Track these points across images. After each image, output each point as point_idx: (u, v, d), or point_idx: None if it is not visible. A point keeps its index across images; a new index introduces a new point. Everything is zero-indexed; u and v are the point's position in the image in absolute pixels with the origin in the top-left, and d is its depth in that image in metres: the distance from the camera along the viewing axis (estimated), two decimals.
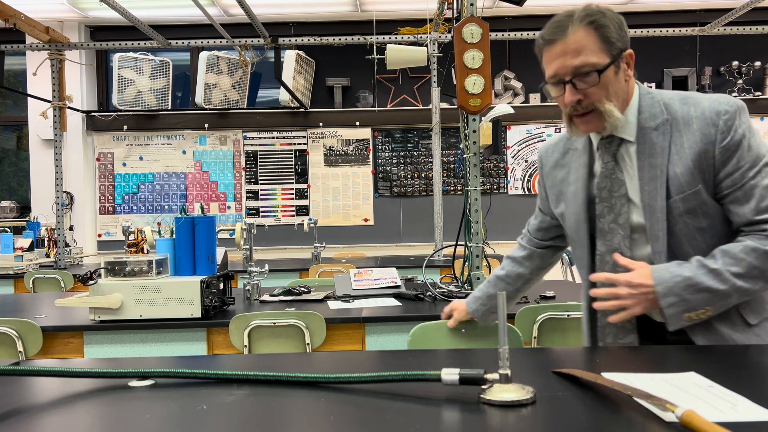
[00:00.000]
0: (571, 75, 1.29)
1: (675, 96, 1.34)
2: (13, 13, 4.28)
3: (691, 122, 1.27)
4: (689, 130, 1.27)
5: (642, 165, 1.30)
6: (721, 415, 0.80)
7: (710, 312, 1.23)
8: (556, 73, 1.31)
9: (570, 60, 1.28)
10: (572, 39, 1.28)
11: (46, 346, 2.26)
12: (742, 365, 1.10)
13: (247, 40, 4.78)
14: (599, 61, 1.28)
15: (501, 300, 0.91)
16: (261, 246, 5.88)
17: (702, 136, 1.25)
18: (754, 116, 6.04)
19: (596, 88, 1.29)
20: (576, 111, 1.32)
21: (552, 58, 1.31)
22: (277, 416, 0.85)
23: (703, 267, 1.22)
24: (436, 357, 1.20)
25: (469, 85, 2.50)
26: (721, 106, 1.26)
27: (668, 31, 4.60)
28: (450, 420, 0.82)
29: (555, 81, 1.32)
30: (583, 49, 1.28)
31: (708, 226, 1.28)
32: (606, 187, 1.35)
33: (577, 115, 1.33)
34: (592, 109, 1.30)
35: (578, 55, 1.27)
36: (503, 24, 5.72)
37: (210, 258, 2.37)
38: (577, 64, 1.27)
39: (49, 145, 5.71)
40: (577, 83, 1.29)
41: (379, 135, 6.20)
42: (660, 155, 1.28)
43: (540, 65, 1.38)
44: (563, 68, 1.29)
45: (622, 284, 1.24)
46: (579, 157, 1.44)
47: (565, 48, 1.29)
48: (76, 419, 0.86)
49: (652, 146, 1.30)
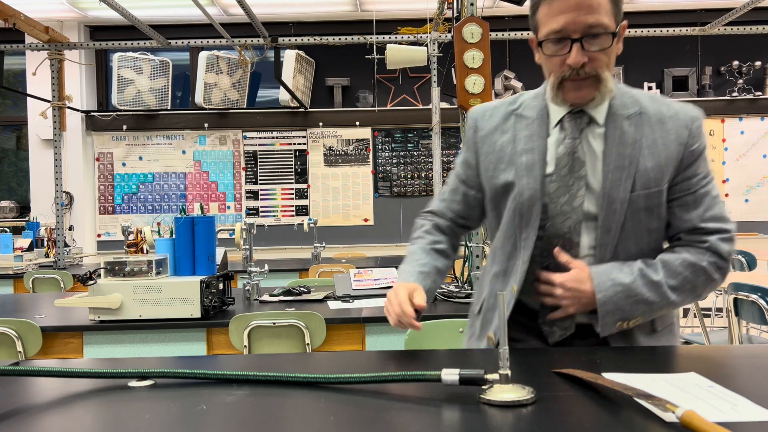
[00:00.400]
0: (581, 33, 1.17)
1: (641, 92, 1.29)
2: (13, 13, 4.27)
3: (665, 120, 1.24)
4: (663, 127, 1.24)
5: (609, 151, 1.22)
6: (722, 415, 0.80)
7: (641, 321, 1.23)
8: (563, 28, 1.17)
9: (584, 16, 1.16)
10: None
11: (46, 346, 2.26)
12: (743, 365, 1.10)
13: (246, 39, 4.78)
14: (611, 24, 1.19)
15: (501, 300, 0.91)
16: (261, 246, 5.88)
17: (676, 136, 1.23)
18: (754, 116, 6.04)
19: (603, 53, 1.19)
20: (575, 75, 1.20)
21: (561, 10, 1.17)
22: (277, 416, 0.85)
23: (644, 277, 1.20)
24: (435, 357, 1.20)
25: (469, 85, 2.50)
26: (693, 111, 1.26)
27: (668, 31, 4.59)
28: (450, 420, 0.82)
29: (559, 37, 1.19)
30: (599, 7, 1.17)
31: (656, 228, 1.26)
32: (567, 165, 1.24)
33: (572, 80, 1.21)
34: (592, 75, 1.20)
35: (593, 12, 1.16)
36: (503, 24, 5.71)
37: (210, 258, 2.37)
38: (592, 22, 1.16)
39: (49, 145, 5.71)
40: (585, 44, 1.17)
41: (379, 135, 6.20)
42: (631, 146, 1.22)
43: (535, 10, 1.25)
44: (575, 23, 1.16)
45: (558, 285, 1.21)
46: (530, 127, 1.29)
47: (581, 2, 1.16)
48: (76, 419, 0.86)
49: (623, 135, 1.23)
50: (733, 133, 6.06)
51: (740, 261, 4.60)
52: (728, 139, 6.06)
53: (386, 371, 0.96)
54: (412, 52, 4.27)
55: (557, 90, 1.24)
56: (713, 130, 6.07)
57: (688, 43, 6.16)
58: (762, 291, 2.56)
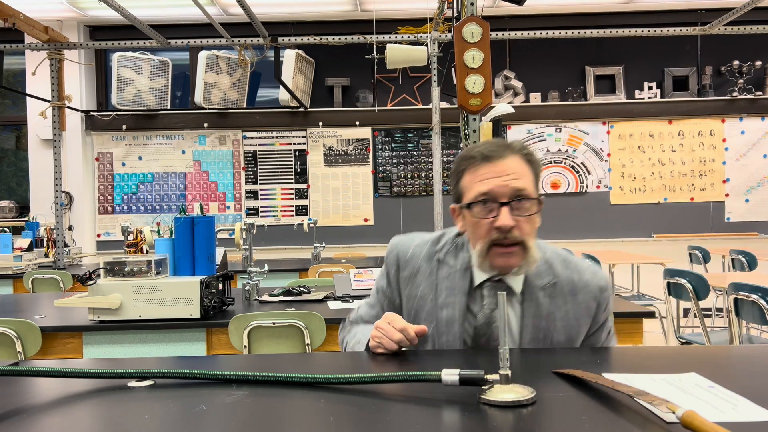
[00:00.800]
0: (509, 197, 1.20)
1: (555, 256, 1.32)
2: (12, 13, 4.27)
3: (577, 292, 1.28)
4: (575, 299, 1.28)
5: (526, 324, 1.25)
6: (722, 415, 0.79)
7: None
8: (491, 191, 1.21)
9: (511, 181, 1.21)
10: (514, 162, 1.23)
11: (45, 346, 2.26)
12: (743, 366, 1.10)
13: (246, 39, 4.78)
14: (534, 193, 1.23)
15: (501, 300, 0.91)
16: (260, 246, 5.88)
17: (586, 308, 1.28)
18: (754, 116, 6.04)
19: (528, 221, 1.22)
20: (503, 240, 1.21)
21: (489, 174, 1.22)
22: (276, 417, 0.85)
23: None
24: (435, 357, 1.20)
25: (469, 85, 2.50)
26: (601, 281, 1.30)
27: (669, 31, 4.59)
28: (450, 420, 0.82)
29: (487, 199, 1.21)
30: (524, 176, 1.23)
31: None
32: (485, 335, 1.26)
33: (500, 245, 1.21)
34: (518, 242, 1.21)
35: (519, 178, 1.21)
36: (503, 23, 5.71)
37: (209, 258, 2.37)
38: (519, 187, 1.20)
39: (48, 144, 5.71)
40: (514, 207, 1.20)
41: (379, 135, 6.20)
42: (546, 319, 1.25)
43: (460, 176, 1.28)
44: (503, 188, 1.20)
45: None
46: (452, 277, 1.29)
47: (505, 168, 1.22)
48: (76, 419, 0.86)
49: (538, 307, 1.26)
50: (733, 132, 6.06)
51: (740, 261, 4.60)
52: (728, 138, 6.06)
53: (386, 371, 0.96)
54: (412, 52, 4.27)
55: (485, 256, 1.23)
56: (713, 129, 6.07)
57: (688, 43, 6.16)
58: (762, 291, 2.56)
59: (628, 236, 6.07)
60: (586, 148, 6.12)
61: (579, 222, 6.04)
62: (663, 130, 6.08)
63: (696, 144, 6.07)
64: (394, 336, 1.17)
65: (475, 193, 1.23)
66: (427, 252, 1.34)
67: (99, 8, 5.52)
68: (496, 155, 1.23)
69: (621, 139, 6.10)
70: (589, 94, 6.15)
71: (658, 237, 6.05)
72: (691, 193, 6.08)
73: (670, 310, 3.67)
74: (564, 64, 6.19)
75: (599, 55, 6.17)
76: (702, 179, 6.08)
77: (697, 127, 6.07)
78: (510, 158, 1.23)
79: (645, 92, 6.11)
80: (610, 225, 6.09)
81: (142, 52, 5.80)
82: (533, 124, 6.12)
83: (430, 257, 1.33)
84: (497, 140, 1.30)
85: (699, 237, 6.00)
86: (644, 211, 6.10)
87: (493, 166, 1.22)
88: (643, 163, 6.10)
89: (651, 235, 6.07)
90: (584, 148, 6.12)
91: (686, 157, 6.08)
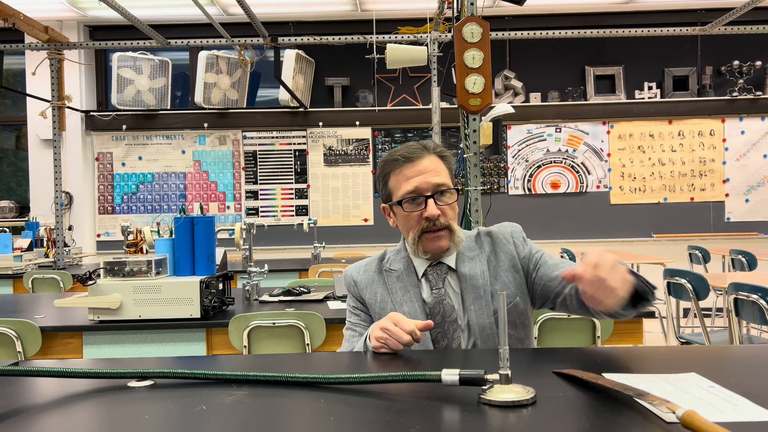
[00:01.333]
0: (432, 190, 1.41)
1: (472, 233, 1.53)
2: (12, 13, 4.27)
3: (495, 243, 1.48)
4: (495, 249, 1.47)
5: (465, 287, 1.42)
6: (722, 415, 0.79)
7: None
8: (416, 188, 1.41)
9: (432, 177, 1.42)
10: (431, 161, 1.44)
11: (45, 346, 2.26)
12: (743, 366, 1.10)
13: (246, 39, 4.78)
14: (451, 183, 1.45)
15: (501, 300, 0.91)
16: (260, 246, 5.88)
17: (507, 253, 1.46)
18: (754, 116, 6.04)
19: (450, 207, 1.44)
20: (432, 226, 1.40)
21: (412, 174, 1.42)
22: (276, 417, 0.85)
23: None
24: (435, 357, 1.20)
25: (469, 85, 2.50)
26: (509, 226, 1.52)
27: (669, 31, 4.60)
28: (450, 420, 0.82)
29: (414, 196, 1.41)
30: (441, 171, 1.44)
31: (525, 336, 1.44)
32: (439, 313, 1.40)
33: (429, 231, 1.41)
34: (444, 227, 1.41)
35: (438, 175, 1.43)
36: (503, 23, 5.71)
37: (209, 258, 2.37)
38: (439, 182, 1.42)
39: (48, 144, 5.71)
40: (437, 199, 1.41)
41: (379, 135, 6.20)
42: (480, 277, 1.42)
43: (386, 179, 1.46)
44: (426, 183, 1.41)
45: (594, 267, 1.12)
46: (401, 279, 1.47)
47: (425, 167, 1.43)
48: (75, 419, 0.86)
49: (473, 270, 1.43)
50: (733, 132, 6.06)
51: (740, 261, 4.60)
52: (728, 138, 6.07)
53: (386, 371, 0.96)
54: (412, 52, 4.27)
55: (417, 243, 1.43)
56: (713, 129, 6.07)
57: (688, 43, 6.16)
58: (762, 291, 2.55)
59: (628, 236, 6.07)
60: (586, 148, 6.12)
61: (579, 222, 6.04)
62: (663, 130, 6.08)
63: (696, 144, 6.07)
64: (402, 338, 1.22)
65: (403, 191, 1.43)
66: (375, 267, 1.53)
67: (99, 8, 5.52)
68: (416, 156, 1.43)
69: (621, 139, 6.10)
70: (589, 94, 6.15)
71: (658, 237, 6.05)
72: (691, 193, 6.08)
73: (670, 310, 3.67)
74: (564, 64, 6.19)
75: (599, 55, 6.17)
76: (702, 179, 6.08)
77: (697, 127, 6.07)
78: (427, 158, 1.44)
79: (645, 92, 6.11)
80: (610, 225, 6.09)
81: (142, 52, 5.80)
82: (533, 124, 6.12)
83: (379, 270, 1.52)
84: (414, 143, 1.48)
85: (699, 237, 6.00)
86: (644, 211, 6.10)
87: (414, 165, 1.43)
88: (643, 163, 6.10)
89: (651, 235, 6.07)
90: (584, 148, 6.12)
91: (686, 157, 6.08)
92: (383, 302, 1.47)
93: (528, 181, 6.15)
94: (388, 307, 1.45)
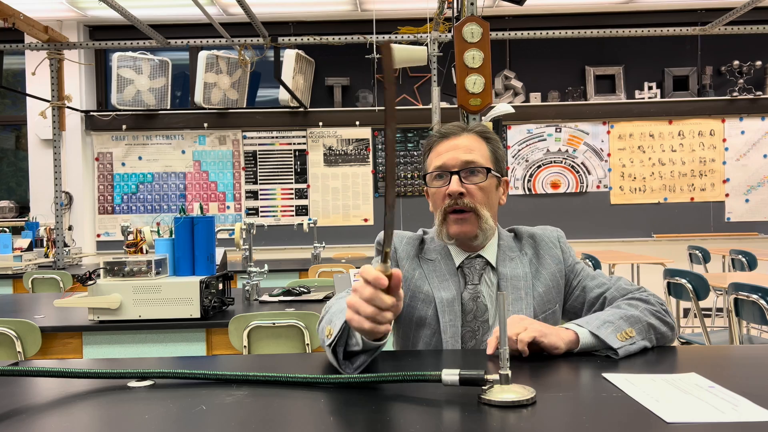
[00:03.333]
0: (459, 167, 1.33)
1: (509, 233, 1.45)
2: (12, 13, 4.27)
3: (542, 251, 1.40)
4: (539, 253, 1.39)
5: (506, 287, 1.34)
6: (723, 415, 0.79)
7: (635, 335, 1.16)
8: (444, 164, 1.34)
9: (462, 154, 1.34)
10: (467, 138, 1.37)
11: (45, 346, 2.26)
12: (743, 366, 1.10)
13: (246, 39, 4.78)
14: (487, 165, 1.35)
15: (502, 300, 0.91)
16: (260, 246, 5.88)
17: (551, 256, 1.39)
18: (754, 116, 6.04)
19: (479, 189, 1.33)
20: (455, 205, 1.32)
21: (444, 150, 1.36)
22: (276, 417, 0.84)
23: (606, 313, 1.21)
24: (435, 357, 1.20)
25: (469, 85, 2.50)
26: (554, 231, 1.44)
27: (669, 31, 4.59)
28: (450, 421, 0.81)
29: (440, 171, 1.34)
30: (476, 149, 1.35)
31: None
32: (471, 311, 1.33)
33: (453, 212, 1.33)
34: (470, 210, 1.32)
35: (470, 152, 1.34)
36: (503, 23, 5.71)
37: (209, 258, 2.37)
38: (469, 159, 1.33)
39: (48, 144, 5.71)
40: (463, 177, 1.33)
41: (379, 135, 6.20)
42: (523, 279, 1.35)
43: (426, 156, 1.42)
44: (454, 159, 1.33)
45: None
46: (438, 268, 1.37)
47: (458, 144, 1.35)
48: (75, 420, 0.86)
49: (515, 271, 1.35)
50: (733, 132, 6.06)
51: (741, 261, 4.60)
52: (729, 138, 6.06)
53: (386, 371, 0.96)
54: (412, 52, 4.26)
55: (442, 223, 1.34)
56: (714, 129, 6.07)
57: (688, 43, 6.16)
58: (762, 291, 2.55)
59: (628, 236, 6.07)
60: (586, 148, 6.12)
61: (579, 222, 6.04)
62: (663, 130, 6.08)
63: (696, 144, 6.07)
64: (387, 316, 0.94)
65: (432, 167, 1.37)
66: (415, 247, 1.42)
67: (99, 8, 5.52)
68: (452, 133, 1.37)
69: (621, 139, 6.10)
70: (589, 94, 6.15)
71: (658, 237, 6.05)
72: (691, 193, 6.08)
73: (670, 310, 3.67)
74: (564, 64, 6.19)
75: (599, 55, 6.17)
76: (702, 179, 6.08)
77: (697, 127, 6.07)
78: (465, 136, 1.37)
79: (645, 92, 6.11)
80: (610, 225, 6.09)
81: (142, 52, 5.80)
82: (533, 124, 6.12)
83: (417, 254, 1.41)
84: (457, 123, 1.42)
85: (699, 237, 6.00)
86: (644, 211, 6.10)
87: (447, 142, 1.36)
88: (643, 163, 6.10)
89: (651, 235, 6.07)
90: (584, 148, 6.12)
91: (686, 157, 6.07)
92: (420, 282, 1.36)
93: (528, 181, 6.15)
94: (425, 288, 1.35)
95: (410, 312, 1.35)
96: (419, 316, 1.34)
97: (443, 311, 1.32)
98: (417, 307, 1.35)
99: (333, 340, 1.02)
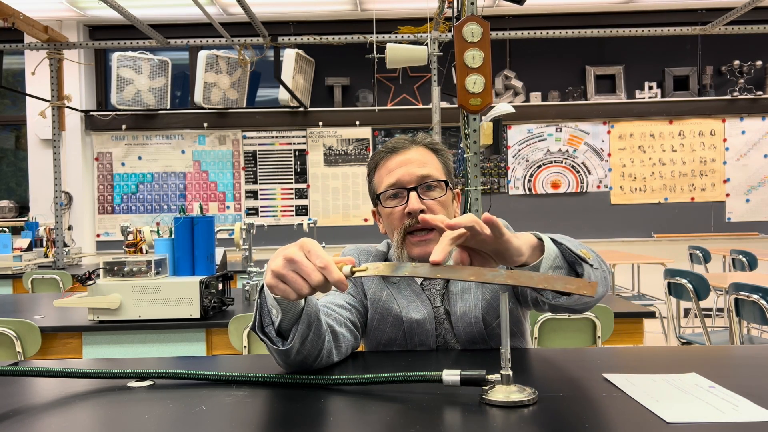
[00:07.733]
0: (415, 183, 1.24)
1: None
2: (12, 12, 4.27)
3: None
4: None
5: (455, 300, 1.26)
6: (723, 416, 0.79)
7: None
8: (399, 180, 1.25)
9: (416, 168, 1.25)
10: (417, 152, 1.28)
11: (45, 346, 2.25)
12: (743, 366, 1.10)
13: (246, 39, 4.78)
14: (443, 178, 1.28)
15: (503, 300, 0.91)
16: (260, 246, 5.88)
17: None
18: (755, 116, 6.04)
19: (439, 204, 1.25)
20: (416, 224, 1.21)
21: (395, 166, 1.27)
22: (276, 417, 0.84)
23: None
24: (436, 357, 1.19)
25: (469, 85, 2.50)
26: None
27: (669, 31, 4.59)
28: (451, 421, 0.81)
29: (396, 189, 1.25)
30: (429, 162, 1.28)
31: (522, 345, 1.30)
32: (441, 334, 1.27)
33: (413, 232, 1.23)
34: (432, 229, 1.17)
35: (424, 166, 1.26)
36: (504, 23, 5.71)
37: (209, 258, 2.37)
38: (425, 173, 1.25)
39: (48, 144, 5.71)
40: (421, 193, 1.24)
41: (379, 134, 6.19)
42: (473, 291, 1.26)
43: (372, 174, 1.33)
44: (409, 174, 1.25)
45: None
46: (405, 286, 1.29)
47: (410, 158, 1.27)
48: (75, 420, 0.86)
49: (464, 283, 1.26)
50: (733, 132, 6.06)
51: (741, 261, 4.60)
52: (729, 138, 6.06)
53: (386, 372, 0.96)
54: (412, 52, 4.26)
55: (401, 247, 1.24)
56: (714, 129, 6.07)
57: (688, 43, 6.16)
58: (763, 291, 2.55)
59: (629, 236, 6.07)
60: (586, 148, 6.12)
61: (579, 222, 6.04)
62: (663, 130, 6.08)
63: (696, 144, 6.07)
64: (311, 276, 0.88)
65: (384, 185, 1.27)
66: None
67: (99, 8, 5.52)
68: (401, 147, 1.29)
69: (621, 138, 6.10)
70: (589, 93, 6.15)
71: (659, 237, 6.05)
72: (692, 193, 6.08)
73: (670, 310, 3.67)
74: (564, 64, 6.19)
75: (599, 54, 6.17)
76: (702, 179, 6.08)
77: (697, 126, 6.07)
78: (414, 149, 1.29)
79: (645, 92, 6.11)
80: (610, 225, 6.08)
81: (141, 51, 5.80)
82: (533, 123, 6.12)
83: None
84: (403, 135, 1.34)
85: (699, 237, 6.00)
86: (644, 211, 6.10)
87: (396, 157, 1.28)
88: (644, 163, 6.10)
89: (651, 235, 6.07)
90: (584, 148, 6.12)
91: (687, 156, 6.07)
92: (388, 303, 1.28)
93: (528, 181, 6.15)
94: (393, 310, 1.28)
95: (379, 334, 1.30)
96: (389, 338, 1.29)
97: (412, 333, 1.27)
98: (386, 330, 1.29)
99: (254, 321, 1.00)
